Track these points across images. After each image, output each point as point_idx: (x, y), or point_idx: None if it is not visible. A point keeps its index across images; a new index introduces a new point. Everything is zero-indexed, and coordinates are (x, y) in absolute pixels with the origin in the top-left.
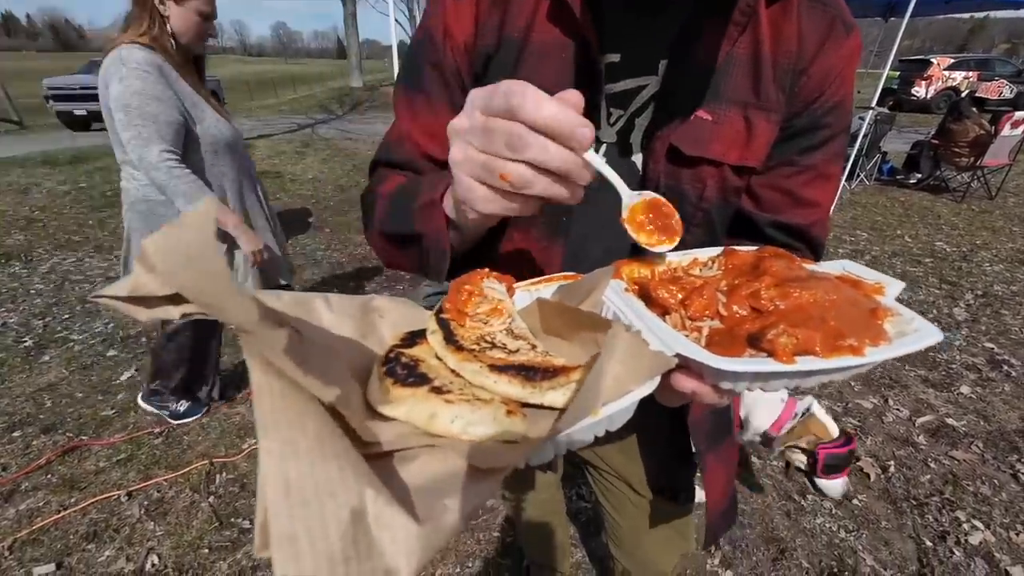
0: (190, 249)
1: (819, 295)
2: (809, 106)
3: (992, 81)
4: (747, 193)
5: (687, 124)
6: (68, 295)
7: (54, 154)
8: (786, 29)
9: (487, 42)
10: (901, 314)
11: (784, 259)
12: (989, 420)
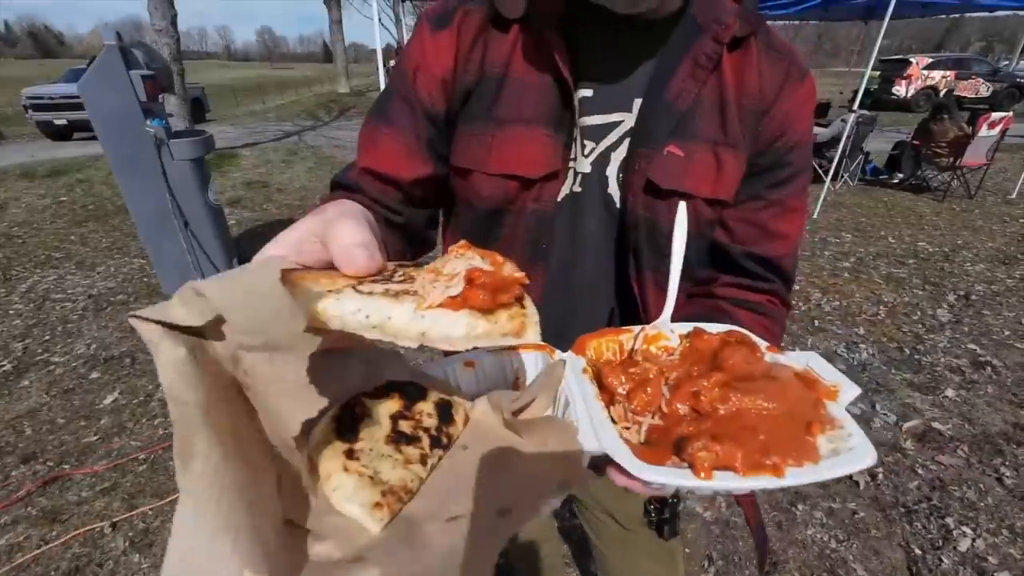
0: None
1: (759, 402)
2: (772, 144)
3: (969, 80)
4: (721, 226)
5: (661, 160)
6: (49, 315)
7: (32, 166)
8: (748, 73)
9: (468, 78)
10: (843, 427)
11: (745, 348)
12: (973, 423)
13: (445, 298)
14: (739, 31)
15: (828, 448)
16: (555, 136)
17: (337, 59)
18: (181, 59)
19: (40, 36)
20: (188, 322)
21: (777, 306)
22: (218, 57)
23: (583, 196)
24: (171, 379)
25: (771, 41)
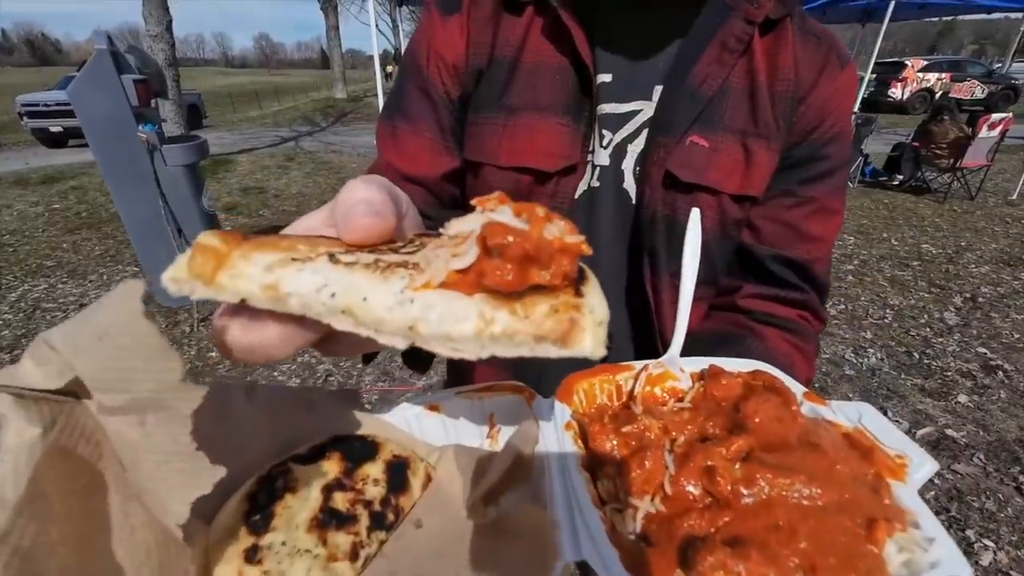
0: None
1: (799, 487)
2: (808, 136)
3: (964, 82)
4: (747, 226)
5: (683, 150)
6: (39, 325)
7: (26, 174)
8: (782, 59)
9: (479, 60)
10: (918, 524)
11: (777, 399)
12: (988, 430)
13: (448, 272)
14: (773, 12)
15: (899, 560)
16: (572, 125)
17: (334, 65)
18: (177, 65)
19: (37, 44)
20: (46, 385)
21: (810, 322)
22: (216, 64)
23: (600, 192)
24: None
25: (807, 25)
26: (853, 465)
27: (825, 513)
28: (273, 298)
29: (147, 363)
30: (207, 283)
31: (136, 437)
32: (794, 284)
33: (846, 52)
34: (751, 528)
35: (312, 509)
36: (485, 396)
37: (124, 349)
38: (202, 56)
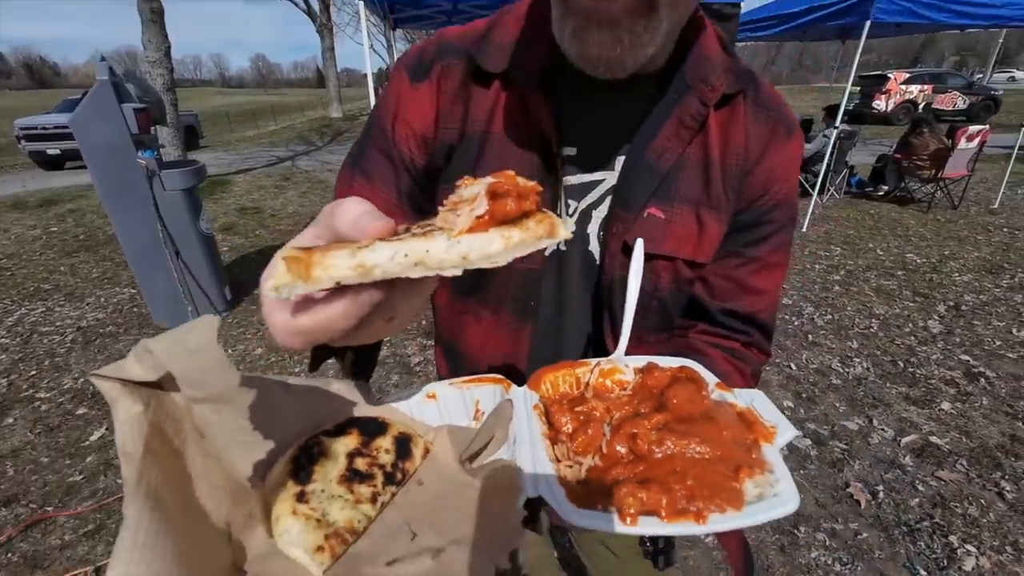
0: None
1: (693, 446)
2: (753, 203)
3: (946, 93)
4: (700, 280)
5: (641, 223)
6: (36, 348)
7: (24, 197)
8: (734, 134)
9: (450, 136)
10: (772, 471)
11: (692, 386)
12: (971, 436)
13: (473, 220)
14: (727, 88)
15: (754, 493)
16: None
17: (330, 85)
18: (175, 88)
19: (35, 67)
20: (144, 377)
21: (754, 353)
22: (213, 84)
23: (567, 255)
24: (124, 435)
25: (760, 97)
26: (736, 432)
27: (708, 463)
28: (362, 273)
29: (218, 372)
30: (305, 280)
31: (214, 419)
32: (740, 329)
33: (792, 122)
34: (657, 473)
35: (340, 468)
36: (472, 385)
37: (205, 362)
38: (199, 77)
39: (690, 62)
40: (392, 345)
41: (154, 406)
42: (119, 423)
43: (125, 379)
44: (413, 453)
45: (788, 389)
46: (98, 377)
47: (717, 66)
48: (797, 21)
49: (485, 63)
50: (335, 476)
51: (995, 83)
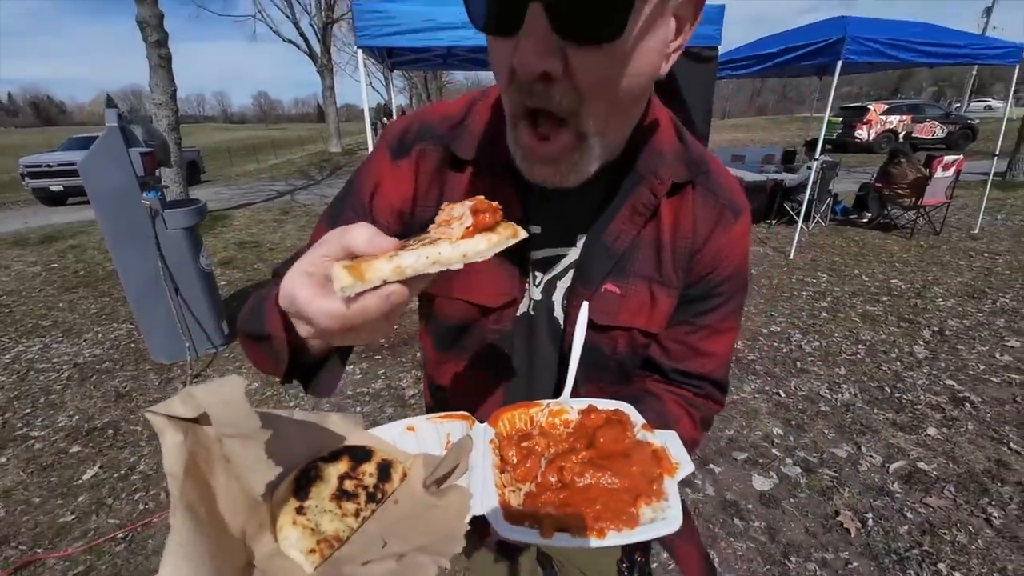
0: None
1: (607, 478)
2: (702, 279)
3: (924, 123)
4: (655, 343)
5: (599, 297)
6: (32, 386)
7: (25, 234)
8: (683, 218)
9: (426, 215)
10: (667, 499)
11: (620, 427)
12: (958, 462)
13: (464, 230)
14: (677, 179)
15: (649, 516)
16: (510, 268)
17: (329, 121)
18: (179, 127)
19: (42, 106)
20: (186, 415)
21: (706, 402)
22: (215, 120)
23: (536, 318)
24: (170, 459)
25: (710, 183)
26: (646, 467)
27: (616, 492)
28: (399, 273)
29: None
30: (361, 281)
31: (240, 450)
32: (694, 385)
33: (740, 206)
34: (575, 499)
35: (332, 488)
36: (444, 421)
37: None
38: (202, 113)
39: (642, 157)
40: (387, 379)
41: (191, 437)
42: (166, 449)
43: (171, 415)
44: (392, 477)
45: (777, 416)
46: (151, 413)
47: (667, 159)
48: (774, 61)
49: (459, 151)
50: (327, 494)
51: (972, 112)
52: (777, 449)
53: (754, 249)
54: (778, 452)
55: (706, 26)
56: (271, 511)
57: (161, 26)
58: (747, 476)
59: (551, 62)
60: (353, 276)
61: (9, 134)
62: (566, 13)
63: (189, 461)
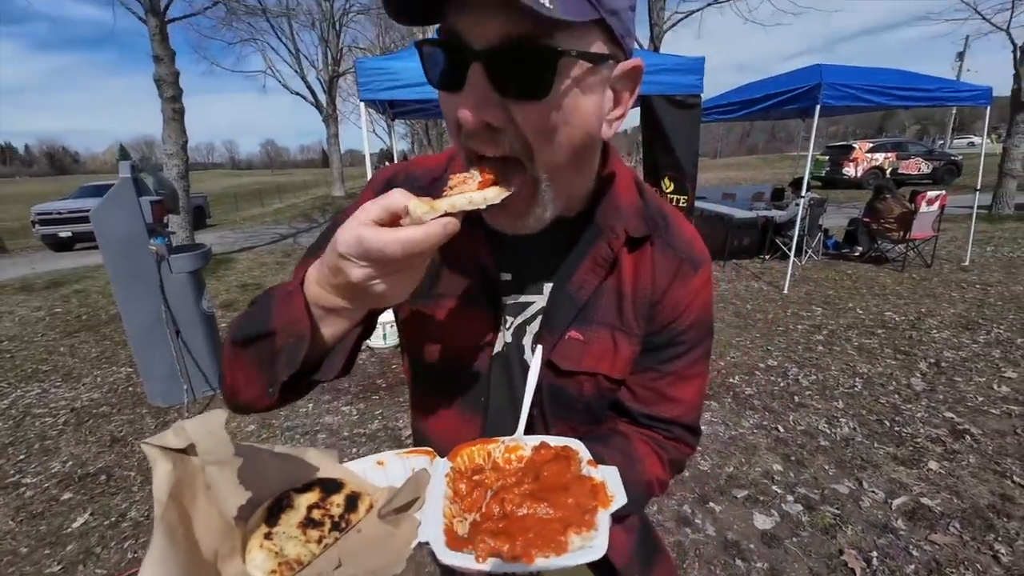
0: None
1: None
2: (664, 328)
3: (909, 159)
4: (625, 386)
5: (563, 344)
6: (27, 432)
7: (32, 279)
8: (643, 271)
9: None
10: (597, 529)
11: (565, 463)
12: (962, 496)
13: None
14: (634, 233)
15: (577, 544)
16: (484, 311)
17: (333, 167)
18: (188, 175)
19: (56, 156)
20: (177, 445)
21: (676, 445)
22: (223, 167)
23: (509, 359)
24: (157, 485)
25: (670, 237)
26: (582, 500)
27: (549, 521)
28: (452, 207)
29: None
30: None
31: (218, 476)
32: (663, 430)
33: (699, 259)
34: (512, 527)
35: (300, 516)
36: (410, 456)
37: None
38: (211, 161)
39: (600, 211)
40: (384, 419)
41: (179, 467)
42: (156, 476)
43: (163, 446)
44: (359, 507)
45: (776, 452)
46: (146, 444)
47: (625, 215)
48: (758, 106)
49: None
50: (295, 522)
51: (956, 148)
52: (778, 486)
53: (748, 284)
54: (779, 489)
55: (689, 76)
56: (243, 536)
57: (176, 83)
58: (748, 515)
59: (491, 113)
60: (427, 205)
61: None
62: (501, 73)
63: (174, 488)
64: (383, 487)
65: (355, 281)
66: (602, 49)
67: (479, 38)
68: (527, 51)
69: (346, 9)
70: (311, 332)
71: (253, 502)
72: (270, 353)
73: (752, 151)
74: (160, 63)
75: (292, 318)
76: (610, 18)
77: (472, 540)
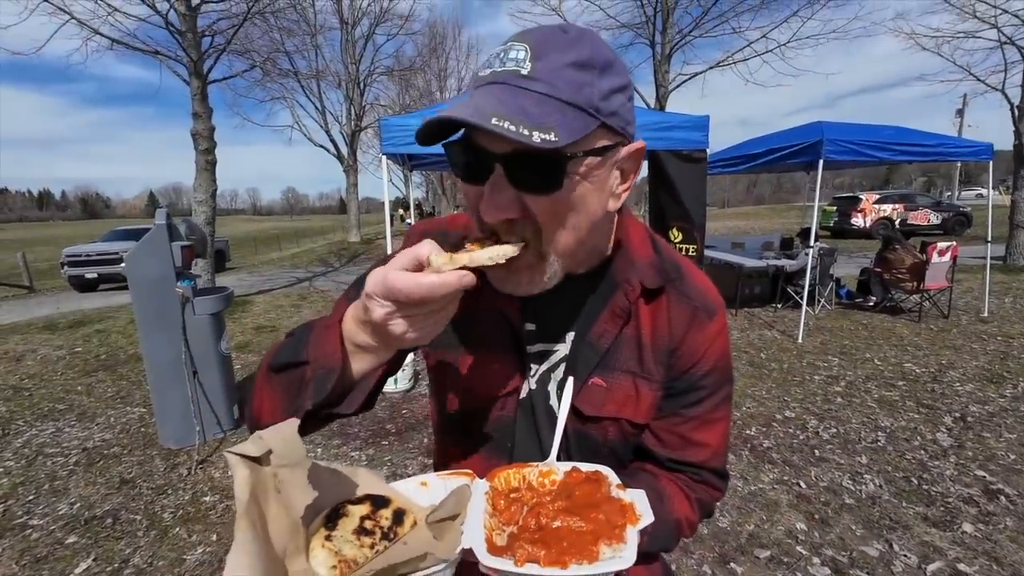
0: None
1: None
2: (684, 374)
3: (918, 210)
4: (649, 432)
5: (587, 390)
6: (38, 471)
7: (56, 319)
8: (659, 319)
9: None
10: (626, 543)
11: (595, 485)
12: (1002, 564)
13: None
14: (650, 284)
15: (608, 555)
16: (510, 360)
17: (351, 213)
18: (215, 221)
19: (90, 201)
20: (253, 453)
21: (703, 488)
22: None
23: (534, 406)
24: (237, 487)
25: (684, 287)
26: (612, 517)
27: (581, 533)
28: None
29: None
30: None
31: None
32: (690, 474)
33: (714, 306)
34: (548, 537)
35: (354, 524)
36: (451, 478)
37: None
38: (234, 206)
39: (616, 264)
40: (393, 465)
41: (254, 473)
42: (237, 479)
43: (242, 454)
44: (404, 522)
45: (799, 510)
46: (229, 452)
47: (639, 268)
48: (760, 160)
49: None
50: (351, 528)
51: (964, 200)
52: (802, 547)
53: (761, 333)
54: (803, 550)
55: (694, 132)
56: (307, 537)
57: (211, 137)
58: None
59: (509, 209)
60: (444, 259)
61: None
62: (517, 172)
63: (253, 489)
64: (426, 505)
65: (376, 319)
66: (606, 142)
67: (497, 148)
68: (539, 158)
69: (371, 70)
70: (342, 366)
71: (315, 507)
72: (300, 381)
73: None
74: (198, 119)
75: (327, 351)
76: (610, 119)
77: (511, 547)
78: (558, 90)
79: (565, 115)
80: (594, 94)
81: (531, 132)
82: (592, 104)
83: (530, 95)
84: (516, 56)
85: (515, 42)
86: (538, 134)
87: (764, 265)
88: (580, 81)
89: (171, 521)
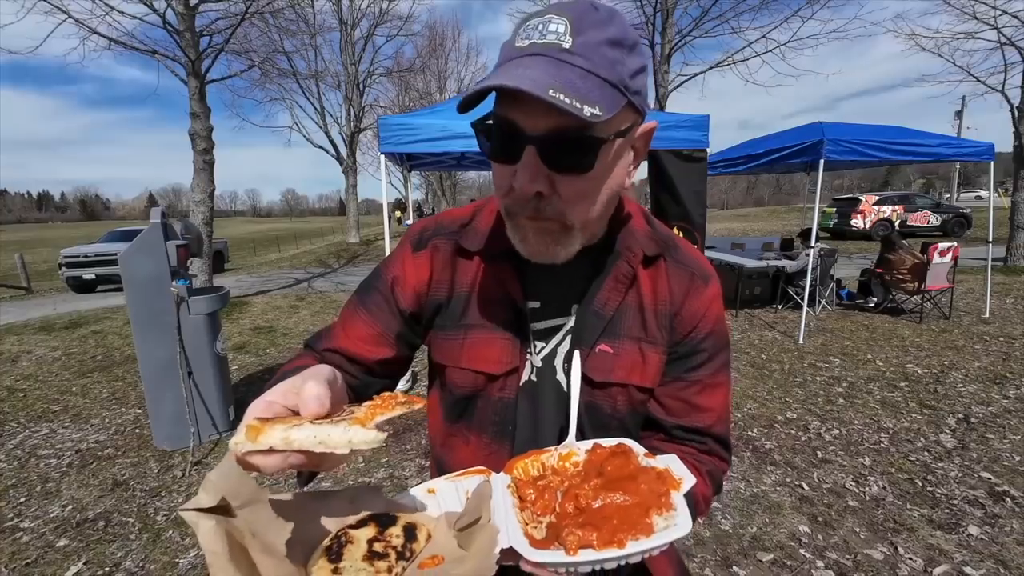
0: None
1: (618, 497)
2: (686, 337)
3: (917, 212)
4: (654, 401)
5: (594, 357)
6: (31, 473)
7: (53, 319)
8: (659, 286)
9: (439, 295)
10: (676, 509)
11: (624, 457)
12: (1010, 567)
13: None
14: (648, 252)
15: (662, 525)
16: (512, 339)
17: (350, 215)
18: (212, 222)
19: (89, 203)
20: (209, 503)
21: (711, 459)
22: (245, 214)
23: (539, 385)
24: (207, 541)
25: (678, 256)
26: (653, 485)
27: (628, 507)
28: (287, 444)
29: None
30: (253, 442)
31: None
32: (696, 441)
33: (707, 273)
34: (592, 519)
35: (363, 550)
36: (461, 478)
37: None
38: (234, 208)
39: (619, 238)
40: (390, 467)
41: (222, 524)
42: (202, 536)
43: (199, 508)
44: (418, 536)
45: (802, 512)
46: (183, 511)
47: (639, 237)
48: (760, 160)
49: (467, 244)
50: (359, 556)
51: (963, 202)
52: (806, 550)
53: (762, 333)
54: (807, 553)
55: (695, 132)
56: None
57: (209, 137)
58: None
59: (541, 185)
60: (249, 437)
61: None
62: (551, 153)
63: (229, 540)
64: (438, 516)
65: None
66: (630, 123)
67: (532, 127)
68: (574, 139)
69: (370, 71)
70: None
71: (296, 540)
72: None
73: (759, 203)
74: (196, 119)
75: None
76: (635, 98)
77: (558, 536)
78: (597, 66)
79: (603, 92)
80: (624, 72)
81: (582, 105)
82: (623, 82)
83: (574, 69)
84: (556, 29)
85: (553, 15)
86: (587, 108)
87: (764, 266)
88: (614, 59)
89: (164, 524)
